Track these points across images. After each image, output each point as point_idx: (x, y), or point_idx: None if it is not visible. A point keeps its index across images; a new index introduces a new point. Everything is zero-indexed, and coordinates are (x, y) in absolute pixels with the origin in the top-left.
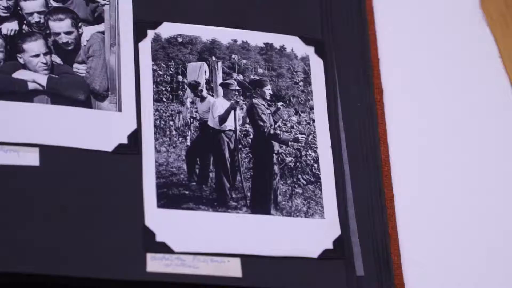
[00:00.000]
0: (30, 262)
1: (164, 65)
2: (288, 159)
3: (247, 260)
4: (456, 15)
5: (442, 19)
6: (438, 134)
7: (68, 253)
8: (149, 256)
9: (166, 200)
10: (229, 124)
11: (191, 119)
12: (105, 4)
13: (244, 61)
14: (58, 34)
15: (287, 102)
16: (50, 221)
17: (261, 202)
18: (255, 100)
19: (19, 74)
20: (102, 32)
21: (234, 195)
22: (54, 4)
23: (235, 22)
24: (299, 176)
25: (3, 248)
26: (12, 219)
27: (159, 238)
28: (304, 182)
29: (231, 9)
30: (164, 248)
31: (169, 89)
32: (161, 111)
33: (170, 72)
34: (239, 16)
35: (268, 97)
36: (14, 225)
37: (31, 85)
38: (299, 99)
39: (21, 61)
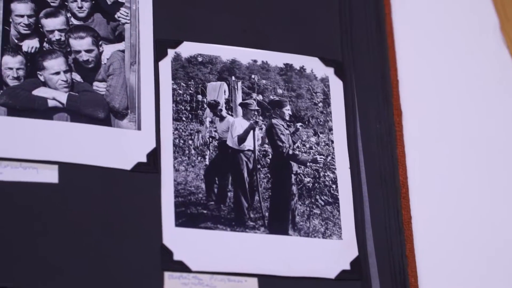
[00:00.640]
0: (47, 280)
1: (184, 84)
2: (307, 179)
3: (264, 280)
4: (476, 38)
5: (462, 42)
6: (457, 156)
7: (85, 271)
8: (166, 274)
9: (184, 219)
10: (248, 144)
11: (210, 139)
12: (126, 22)
13: (264, 81)
14: (79, 52)
15: (306, 122)
16: (67, 239)
17: (279, 222)
18: (274, 121)
19: (39, 92)
20: (123, 51)
21: (252, 215)
22: (75, 22)
23: (255, 42)
24: (317, 197)
25: (20, 265)
26: (29, 235)
27: (176, 257)
28: (322, 203)
29: (251, 30)
30: (181, 267)
31: (188, 108)
32: (180, 130)
33: (190, 91)
34: (259, 37)
35: (287, 118)
36: (31, 241)
37: (51, 103)
38: (318, 120)
39: (41, 78)
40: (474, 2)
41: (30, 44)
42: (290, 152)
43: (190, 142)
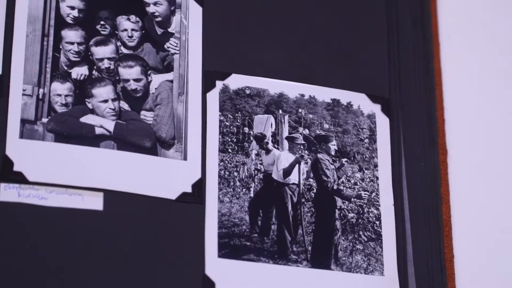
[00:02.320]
0: None
1: (231, 116)
2: (350, 215)
3: None
4: None
5: (510, 83)
6: (501, 196)
7: None
8: None
9: (227, 250)
10: (293, 177)
11: (256, 171)
12: (175, 53)
13: (311, 115)
14: (127, 80)
15: (352, 158)
16: (110, 266)
17: (322, 257)
18: (319, 155)
19: (87, 119)
20: (171, 81)
21: (295, 249)
22: (125, 51)
23: (303, 76)
24: (361, 233)
25: None
26: (73, 261)
27: (218, 287)
28: (365, 239)
29: (300, 64)
30: None
31: (235, 140)
32: (226, 162)
33: (237, 123)
34: (307, 71)
35: (333, 153)
36: (75, 267)
37: (98, 130)
38: (364, 156)
39: (89, 105)
40: None
41: (79, 72)
42: (335, 187)
43: (236, 173)
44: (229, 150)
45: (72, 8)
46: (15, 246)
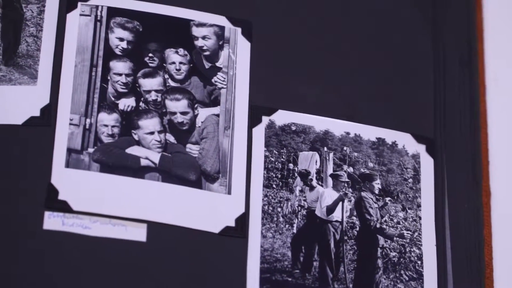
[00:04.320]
0: None
1: (276, 152)
2: (392, 254)
3: None
4: None
5: None
6: None
7: None
8: None
9: (269, 285)
10: (337, 215)
11: (299, 207)
12: (222, 87)
13: (356, 154)
14: (174, 113)
15: (395, 197)
16: None
17: None
18: (363, 193)
19: (133, 150)
20: (217, 115)
21: (336, 286)
22: (172, 84)
23: (349, 114)
24: (402, 272)
25: None
26: None
27: None
28: (407, 278)
29: (345, 102)
30: None
31: (279, 176)
32: (270, 197)
33: (282, 159)
34: (352, 109)
35: (376, 191)
36: None
37: (143, 162)
38: (407, 195)
39: (135, 137)
40: None
41: (127, 103)
42: (378, 225)
43: (279, 209)
44: (274, 186)
45: (121, 39)
46: (58, 274)
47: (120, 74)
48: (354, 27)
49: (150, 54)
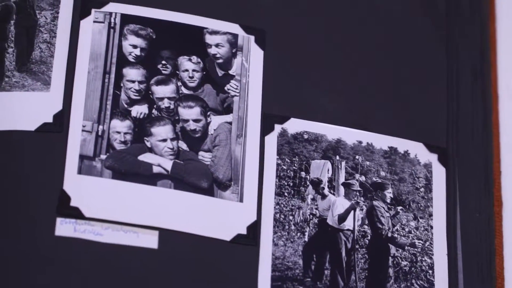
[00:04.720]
0: None
1: (289, 160)
2: (404, 263)
3: None
4: None
5: None
6: None
7: None
8: None
9: None
10: (348, 223)
11: (311, 216)
12: (235, 95)
13: (368, 162)
14: (187, 121)
15: (407, 206)
16: None
17: None
18: (375, 202)
19: (145, 157)
20: (230, 123)
21: None
22: (185, 91)
23: (361, 123)
24: (413, 281)
25: None
26: None
27: None
28: (418, 287)
29: (358, 111)
30: None
31: (291, 184)
32: (282, 205)
33: (294, 167)
34: (365, 118)
35: (388, 200)
36: None
37: (155, 169)
38: (419, 205)
39: (148, 144)
40: None
41: (139, 110)
42: (389, 234)
43: (291, 217)
44: (285, 194)
45: (135, 46)
46: (69, 281)
47: (133, 81)
48: (366, 38)
49: (163, 62)
